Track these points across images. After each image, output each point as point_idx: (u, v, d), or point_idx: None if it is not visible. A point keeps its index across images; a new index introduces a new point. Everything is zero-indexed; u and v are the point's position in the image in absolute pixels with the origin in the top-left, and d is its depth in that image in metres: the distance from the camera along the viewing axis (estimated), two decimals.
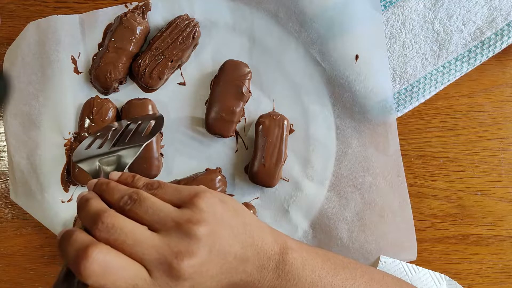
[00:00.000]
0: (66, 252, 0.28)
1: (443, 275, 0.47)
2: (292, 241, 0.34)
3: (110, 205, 0.31)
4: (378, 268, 0.47)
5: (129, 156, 0.40)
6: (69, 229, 0.29)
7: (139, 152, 0.40)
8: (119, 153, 0.40)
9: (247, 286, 0.31)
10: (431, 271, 0.47)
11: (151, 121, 0.44)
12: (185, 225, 0.28)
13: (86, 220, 0.29)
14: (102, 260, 0.26)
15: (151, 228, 0.29)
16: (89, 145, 0.42)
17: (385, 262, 0.47)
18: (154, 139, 0.46)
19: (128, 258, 0.27)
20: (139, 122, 0.44)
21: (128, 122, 0.44)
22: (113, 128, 0.44)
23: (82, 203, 0.31)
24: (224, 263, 0.30)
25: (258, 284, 0.31)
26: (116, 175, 0.34)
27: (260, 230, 0.32)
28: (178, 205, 0.30)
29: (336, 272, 0.34)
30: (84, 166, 0.40)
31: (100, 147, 0.41)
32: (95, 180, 0.34)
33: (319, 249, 0.36)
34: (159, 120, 0.44)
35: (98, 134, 0.43)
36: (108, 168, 0.39)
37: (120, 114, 0.49)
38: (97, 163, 0.39)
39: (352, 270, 0.35)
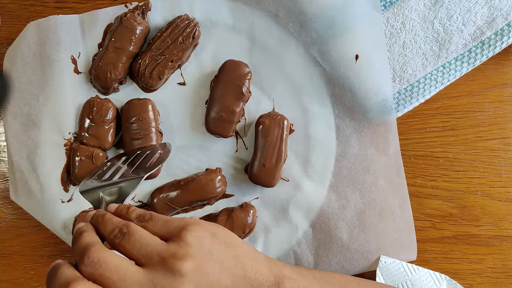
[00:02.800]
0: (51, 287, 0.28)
1: (443, 275, 0.47)
2: (288, 269, 0.33)
3: (104, 237, 0.31)
4: (378, 268, 0.47)
5: (130, 187, 0.41)
6: (58, 263, 0.29)
7: (139, 184, 0.42)
8: (121, 184, 0.42)
9: None
10: (431, 271, 0.47)
11: (159, 151, 0.45)
12: (170, 260, 0.28)
13: (76, 253, 0.29)
14: None
15: (138, 263, 0.29)
16: (97, 176, 0.44)
17: (385, 262, 0.47)
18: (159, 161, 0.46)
19: None
20: (147, 152, 0.45)
21: (138, 152, 0.46)
22: (123, 158, 0.46)
23: (76, 236, 0.31)
24: None
25: None
26: (113, 206, 0.35)
27: (253, 261, 0.32)
28: (166, 238, 0.30)
29: None
30: (88, 196, 0.41)
31: (107, 176, 0.43)
32: (93, 212, 0.34)
33: (317, 272, 0.35)
34: (165, 153, 0.46)
35: (108, 164, 0.45)
36: (108, 199, 0.40)
37: (120, 114, 0.49)
38: (100, 194, 0.41)
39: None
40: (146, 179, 0.46)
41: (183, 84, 0.50)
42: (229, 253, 0.31)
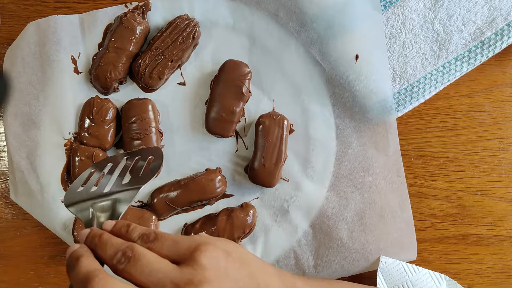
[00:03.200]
0: None
1: (443, 275, 0.47)
2: (301, 282, 0.32)
3: (103, 260, 0.28)
4: (379, 269, 0.47)
5: (125, 200, 0.36)
6: None
7: (135, 196, 0.37)
8: (114, 196, 0.36)
9: None
10: (431, 271, 0.47)
11: (150, 156, 0.39)
12: None
13: (76, 283, 0.27)
14: None
15: None
16: (84, 183, 0.38)
17: (385, 262, 0.47)
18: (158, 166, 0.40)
19: None
20: (137, 157, 0.40)
21: (125, 157, 0.40)
22: (109, 165, 0.40)
23: (72, 262, 0.28)
24: None
25: None
26: (110, 225, 0.31)
27: (267, 276, 0.30)
28: (177, 261, 0.27)
29: None
30: (76, 211, 0.35)
31: (95, 184, 0.37)
32: (87, 231, 0.31)
33: (327, 282, 0.33)
34: (158, 157, 0.40)
35: (93, 170, 0.39)
36: (102, 216, 0.35)
37: (120, 114, 0.49)
38: (90, 209, 0.35)
39: None
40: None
41: (183, 84, 0.50)
42: (243, 272, 0.29)
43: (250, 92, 0.49)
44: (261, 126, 0.48)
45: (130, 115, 0.47)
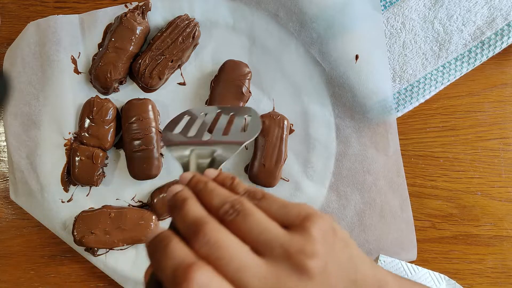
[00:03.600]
0: (161, 266, 0.24)
1: (442, 275, 0.47)
2: (391, 277, 0.30)
3: (207, 209, 0.27)
4: None
5: (226, 153, 0.34)
6: (163, 235, 0.25)
7: (237, 151, 0.35)
8: (214, 146, 0.35)
9: None
10: (430, 271, 0.47)
11: (246, 116, 0.39)
12: (297, 256, 0.24)
13: (183, 225, 0.25)
14: (205, 286, 0.22)
15: (255, 250, 0.25)
16: (181, 130, 0.38)
17: (384, 261, 0.47)
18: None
19: (229, 284, 0.23)
20: (232, 113, 0.40)
21: (218, 110, 0.40)
22: (202, 114, 0.40)
23: (178, 202, 0.27)
24: None
25: None
26: (213, 173, 0.30)
27: (363, 263, 0.28)
28: (285, 226, 0.26)
29: None
30: (175, 153, 0.35)
31: (193, 134, 0.37)
32: (189, 174, 0.29)
33: (418, 285, 0.32)
34: (255, 116, 0.39)
35: (188, 117, 0.39)
36: (202, 162, 0.34)
37: (120, 114, 0.49)
38: (189, 152, 0.34)
39: None
40: None
41: (183, 84, 0.50)
42: (346, 254, 0.27)
43: (250, 92, 0.49)
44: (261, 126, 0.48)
45: (130, 115, 0.47)
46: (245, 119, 0.39)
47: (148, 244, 0.25)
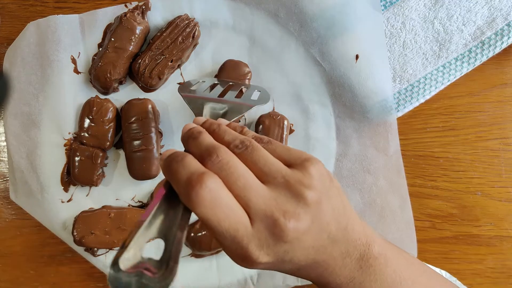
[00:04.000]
0: (177, 174, 0.26)
1: (443, 271, 0.47)
2: (378, 235, 0.32)
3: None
4: None
5: (236, 110, 0.38)
6: (179, 152, 0.28)
7: (247, 111, 0.39)
8: (227, 105, 0.38)
9: (327, 269, 0.30)
10: (432, 267, 0.47)
11: (256, 90, 0.43)
12: (296, 185, 0.27)
13: (198, 150, 0.28)
14: (215, 192, 0.25)
15: (260, 179, 0.27)
16: (198, 88, 0.42)
17: None
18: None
19: (236, 200, 0.26)
20: (243, 87, 0.44)
21: (231, 83, 0.44)
22: (217, 81, 0.44)
23: (194, 134, 0.29)
24: (318, 239, 0.28)
25: (338, 270, 0.30)
26: (224, 121, 0.33)
27: (353, 215, 0.31)
28: (287, 164, 0.28)
29: (417, 279, 0.32)
30: (190, 102, 0.39)
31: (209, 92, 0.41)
32: (203, 118, 0.32)
33: (402, 250, 0.33)
34: (265, 92, 0.43)
35: (202, 81, 0.44)
36: (215, 113, 0.37)
37: (120, 114, 0.49)
38: (203, 104, 0.38)
39: (433, 280, 0.34)
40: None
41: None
42: (339, 200, 0.30)
43: None
44: (261, 126, 0.48)
45: (130, 115, 0.47)
46: (256, 91, 0.43)
47: (164, 159, 0.28)
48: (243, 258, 0.27)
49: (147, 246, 0.25)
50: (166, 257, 0.24)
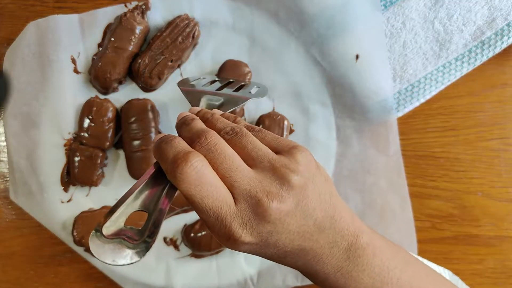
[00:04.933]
0: (165, 153, 0.28)
1: (446, 270, 0.47)
2: (366, 226, 0.33)
3: None
4: None
5: (233, 102, 0.40)
6: (169, 134, 0.29)
7: (243, 104, 0.41)
8: (223, 97, 0.40)
9: (314, 257, 0.30)
10: (434, 265, 0.47)
11: (255, 86, 0.45)
12: (281, 169, 0.28)
13: (189, 134, 0.29)
14: (199, 170, 0.26)
15: (247, 163, 0.28)
16: (196, 83, 0.43)
17: None
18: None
19: (221, 180, 0.27)
20: (242, 83, 0.45)
21: (231, 80, 0.46)
22: (217, 79, 0.46)
23: (187, 120, 0.31)
24: (303, 224, 0.28)
25: (325, 259, 0.30)
26: (218, 113, 0.34)
27: (341, 205, 0.31)
28: (275, 151, 0.29)
29: (404, 268, 0.33)
30: (188, 95, 0.41)
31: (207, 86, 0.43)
32: (198, 108, 0.34)
33: (389, 241, 0.34)
34: (263, 87, 0.45)
35: (203, 77, 0.46)
36: (211, 104, 0.39)
37: (120, 114, 0.49)
38: (200, 97, 0.40)
39: (420, 269, 0.34)
40: None
41: None
42: (326, 188, 0.30)
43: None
44: (261, 126, 0.48)
45: (130, 115, 0.47)
46: (255, 87, 0.45)
47: (155, 141, 0.29)
48: (227, 236, 0.27)
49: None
50: (146, 228, 0.27)
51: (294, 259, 0.30)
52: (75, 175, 0.48)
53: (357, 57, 0.48)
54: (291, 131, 0.49)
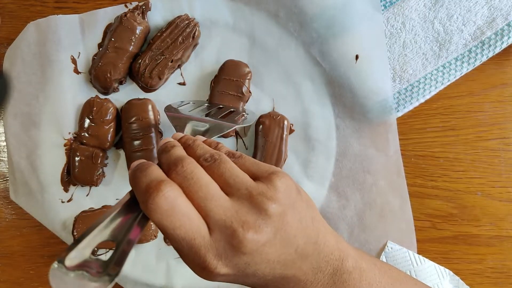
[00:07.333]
0: (138, 182, 0.27)
1: (447, 270, 0.47)
2: (352, 248, 0.32)
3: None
4: (383, 253, 0.47)
5: (218, 129, 0.41)
6: (146, 162, 0.28)
7: (227, 130, 0.42)
8: (209, 124, 0.41)
9: (298, 284, 0.29)
10: (436, 264, 0.47)
11: (244, 113, 0.46)
12: (258, 197, 0.27)
13: (167, 161, 0.29)
14: (172, 200, 0.26)
15: (224, 191, 0.28)
16: (184, 108, 0.44)
17: (391, 248, 0.47)
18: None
19: (195, 210, 0.26)
20: (232, 109, 0.46)
21: (220, 106, 0.47)
22: (206, 104, 0.46)
23: (167, 147, 0.30)
24: (283, 253, 0.28)
25: (310, 286, 0.30)
26: (201, 139, 0.34)
27: (325, 230, 0.31)
28: (254, 178, 0.29)
29: (391, 286, 0.32)
30: (173, 120, 0.41)
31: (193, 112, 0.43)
32: (181, 134, 0.34)
33: (377, 260, 0.34)
34: (252, 114, 0.46)
35: (193, 102, 0.47)
36: (196, 130, 0.40)
37: (120, 114, 0.49)
38: (186, 123, 0.41)
39: (405, 284, 0.34)
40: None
41: (183, 84, 0.50)
42: (308, 213, 0.29)
43: (250, 92, 0.49)
44: (261, 126, 0.48)
45: (130, 115, 0.47)
46: (243, 115, 0.45)
47: (131, 168, 0.29)
48: (201, 268, 0.27)
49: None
50: (112, 259, 0.26)
51: (277, 287, 0.29)
52: (75, 175, 0.48)
53: (357, 57, 0.48)
54: (291, 131, 0.49)
